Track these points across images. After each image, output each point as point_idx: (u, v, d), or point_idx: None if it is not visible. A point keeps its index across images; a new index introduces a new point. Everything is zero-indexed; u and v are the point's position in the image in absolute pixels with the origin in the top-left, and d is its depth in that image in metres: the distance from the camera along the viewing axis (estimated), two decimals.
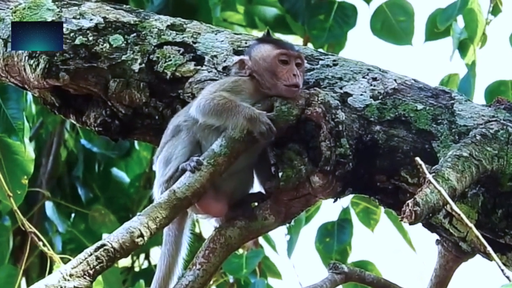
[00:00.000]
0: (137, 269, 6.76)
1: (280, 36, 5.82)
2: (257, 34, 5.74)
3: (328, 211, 6.08)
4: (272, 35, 3.51)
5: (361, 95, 3.29)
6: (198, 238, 4.93)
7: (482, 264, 3.32)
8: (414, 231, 5.72)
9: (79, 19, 3.50)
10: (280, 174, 3.19)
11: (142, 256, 6.77)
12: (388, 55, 6.43)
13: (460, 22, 5.56)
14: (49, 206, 6.31)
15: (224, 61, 3.39)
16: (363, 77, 3.33)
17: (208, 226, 3.41)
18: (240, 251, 5.82)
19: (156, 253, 6.58)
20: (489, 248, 2.63)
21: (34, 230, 4.88)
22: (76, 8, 3.54)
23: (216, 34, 3.46)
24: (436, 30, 5.62)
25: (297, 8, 5.89)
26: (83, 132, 6.61)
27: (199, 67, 3.39)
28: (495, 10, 5.60)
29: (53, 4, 3.55)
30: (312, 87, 3.27)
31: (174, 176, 3.20)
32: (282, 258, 6.24)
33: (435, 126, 3.22)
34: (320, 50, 3.84)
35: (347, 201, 5.96)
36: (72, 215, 6.64)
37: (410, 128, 3.22)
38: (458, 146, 3.08)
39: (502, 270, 2.50)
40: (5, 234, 5.68)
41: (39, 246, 4.87)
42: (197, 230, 5.83)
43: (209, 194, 3.19)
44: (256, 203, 3.31)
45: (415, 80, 3.35)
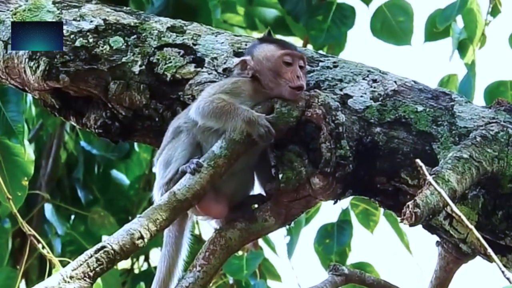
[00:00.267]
0: (136, 271, 6.75)
1: (280, 37, 5.81)
2: (257, 35, 5.75)
3: (328, 212, 6.08)
4: (273, 36, 3.51)
5: (361, 96, 3.29)
6: (197, 240, 4.92)
7: (483, 265, 3.32)
8: (414, 232, 5.72)
9: (79, 21, 3.50)
10: (280, 175, 3.19)
11: (142, 258, 6.76)
12: (387, 55, 6.43)
13: (460, 22, 5.57)
14: (48, 208, 6.30)
15: (225, 63, 3.39)
16: (363, 78, 3.33)
17: (208, 228, 3.41)
18: (240, 253, 5.82)
19: (156, 255, 6.58)
20: (489, 249, 2.63)
21: (34, 232, 4.88)
22: (76, 10, 3.53)
23: (216, 36, 3.46)
24: (435, 30, 5.62)
25: (297, 9, 5.89)
26: (83, 134, 6.60)
27: (199, 69, 3.39)
28: (494, 11, 5.60)
29: (53, 6, 3.55)
30: (312, 88, 3.26)
31: (174, 178, 3.19)
32: (282, 260, 6.24)
33: (435, 127, 3.22)
34: (320, 51, 3.84)
35: (346, 202, 5.96)
36: (72, 217, 6.64)
37: (410, 129, 3.22)
38: (459, 148, 3.08)
39: (503, 272, 2.50)
40: (4, 236, 5.68)
41: (38, 249, 4.86)
42: (196, 232, 5.82)
43: (209, 196, 3.18)
44: (256, 205, 3.30)
45: (415, 81, 3.35)
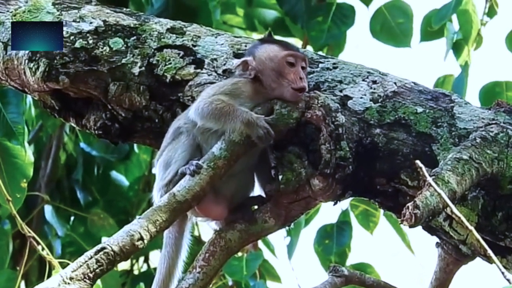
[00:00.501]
0: (136, 272, 6.74)
1: (279, 38, 5.81)
2: (257, 36, 5.76)
3: (328, 213, 6.07)
4: (273, 37, 3.51)
5: (361, 98, 3.28)
6: (197, 241, 4.92)
7: (482, 267, 3.32)
8: (413, 234, 5.72)
9: (79, 22, 3.50)
10: (280, 177, 3.19)
11: (142, 259, 6.76)
12: (384, 56, 6.43)
13: (455, 23, 5.58)
14: (48, 210, 6.30)
15: (224, 64, 3.39)
16: (363, 80, 3.33)
17: (207, 229, 3.41)
18: (239, 254, 5.82)
19: (156, 256, 6.58)
20: (489, 250, 2.63)
21: (33, 234, 4.88)
22: (76, 11, 3.53)
23: (216, 37, 3.46)
24: (429, 29, 5.63)
25: (296, 10, 5.89)
26: (83, 135, 6.60)
27: (199, 70, 3.39)
28: (491, 11, 5.61)
29: (53, 7, 3.55)
30: (312, 90, 3.26)
31: (173, 179, 3.19)
32: (281, 261, 6.23)
33: (435, 129, 3.22)
34: (320, 53, 3.84)
35: (346, 203, 5.95)
36: (71, 219, 6.63)
37: (410, 131, 3.22)
38: (458, 149, 3.08)
39: (503, 273, 2.50)
40: (4, 238, 5.68)
41: (38, 251, 4.86)
42: (196, 233, 5.82)
43: (209, 197, 3.18)
44: (256, 206, 3.30)
45: (415, 83, 3.35)
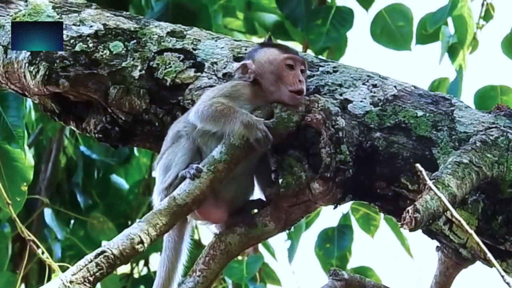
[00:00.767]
0: (136, 275, 6.75)
1: (279, 42, 5.81)
2: (256, 40, 5.76)
3: (328, 216, 6.08)
4: (273, 41, 3.51)
5: (361, 101, 3.28)
6: (197, 245, 4.92)
7: (482, 270, 3.31)
8: (413, 237, 5.72)
9: (79, 26, 3.50)
10: (280, 180, 3.19)
11: (142, 262, 6.76)
12: (381, 59, 6.43)
13: (451, 27, 5.59)
14: (48, 213, 6.30)
15: (224, 67, 3.39)
16: (363, 83, 3.33)
17: (207, 233, 3.41)
18: (240, 257, 5.82)
19: (156, 259, 6.58)
20: (489, 254, 2.63)
21: (33, 238, 4.88)
22: (76, 15, 3.53)
23: (216, 41, 3.46)
24: (424, 32, 5.64)
25: (296, 14, 5.89)
26: (83, 138, 6.60)
27: (199, 73, 3.39)
28: (487, 15, 5.62)
29: (53, 11, 3.55)
30: (312, 93, 3.26)
31: (173, 183, 3.19)
32: (281, 265, 6.23)
33: (435, 132, 3.22)
34: (320, 56, 3.84)
35: (347, 207, 5.95)
36: (71, 222, 6.64)
37: (410, 134, 3.22)
38: (458, 153, 3.08)
39: (503, 277, 2.50)
40: (4, 241, 5.69)
41: (37, 254, 4.86)
42: (196, 236, 5.82)
43: (209, 200, 3.18)
44: (256, 210, 3.30)
45: (415, 86, 3.35)
